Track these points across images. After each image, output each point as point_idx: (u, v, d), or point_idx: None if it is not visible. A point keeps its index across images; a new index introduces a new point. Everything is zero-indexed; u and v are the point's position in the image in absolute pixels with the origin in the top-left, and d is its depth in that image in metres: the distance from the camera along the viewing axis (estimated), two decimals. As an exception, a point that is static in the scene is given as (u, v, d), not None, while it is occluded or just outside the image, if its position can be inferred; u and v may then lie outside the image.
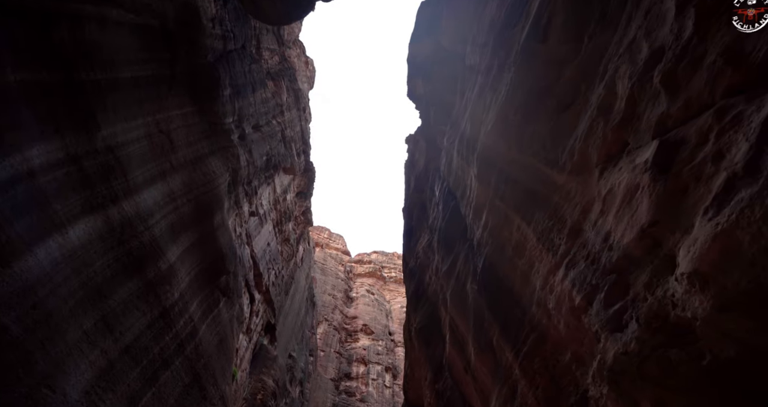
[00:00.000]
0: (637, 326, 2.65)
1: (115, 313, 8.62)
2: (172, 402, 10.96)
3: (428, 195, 13.71)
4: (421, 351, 12.41)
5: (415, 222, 15.72)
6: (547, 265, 4.31)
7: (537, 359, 4.49)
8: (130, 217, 9.15)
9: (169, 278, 10.67)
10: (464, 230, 8.05)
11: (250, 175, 17.07)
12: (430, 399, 10.55)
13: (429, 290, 11.51)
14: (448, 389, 8.70)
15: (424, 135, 19.52)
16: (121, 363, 8.77)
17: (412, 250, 15.32)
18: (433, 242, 11.08)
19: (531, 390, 4.49)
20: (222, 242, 13.61)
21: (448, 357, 8.65)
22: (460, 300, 7.59)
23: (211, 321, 13.43)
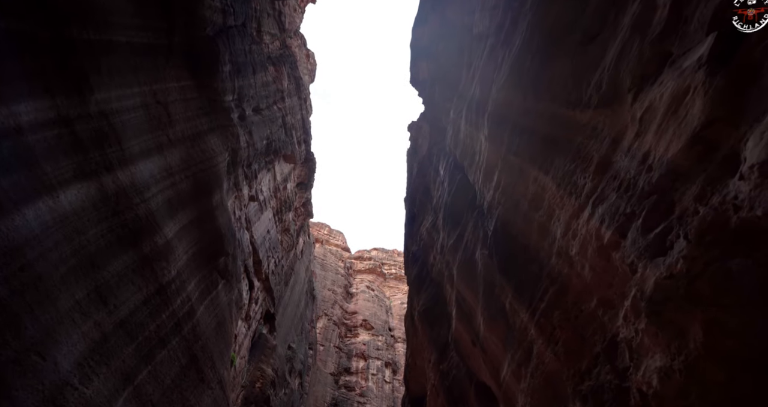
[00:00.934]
0: (685, 243, 2.35)
1: (109, 285, 8.32)
2: (168, 382, 10.69)
3: (432, 177, 13.40)
4: (424, 334, 12.14)
5: (418, 207, 15.44)
6: (569, 210, 4.01)
7: (557, 313, 4.20)
8: (126, 187, 8.83)
9: (166, 255, 10.37)
10: (472, 199, 7.74)
11: (250, 157, 16.76)
12: (435, 380, 10.28)
13: (433, 271, 11.22)
14: (454, 367, 8.43)
15: (427, 120, 19.21)
16: (115, 337, 8.48)
17: (415, 235, 15.04)
18: (438, 220, 10.79)
19: (549, 347, 4.21)
20: (221, 223, 13.31)
21: (455, 333, 8.36)
22: (468, 272, 7.30)
23: (209, 303, 13.14)
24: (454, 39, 11.34)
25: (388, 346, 69.05)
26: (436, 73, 13.81)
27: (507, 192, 5.58)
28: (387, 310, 78.03)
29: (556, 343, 4.18)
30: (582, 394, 3.60)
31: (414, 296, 14.55)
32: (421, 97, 21.93)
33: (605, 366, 3.31)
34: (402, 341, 69.59)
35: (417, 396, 21.56)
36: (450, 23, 11.30)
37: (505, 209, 5.64)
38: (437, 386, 10.05)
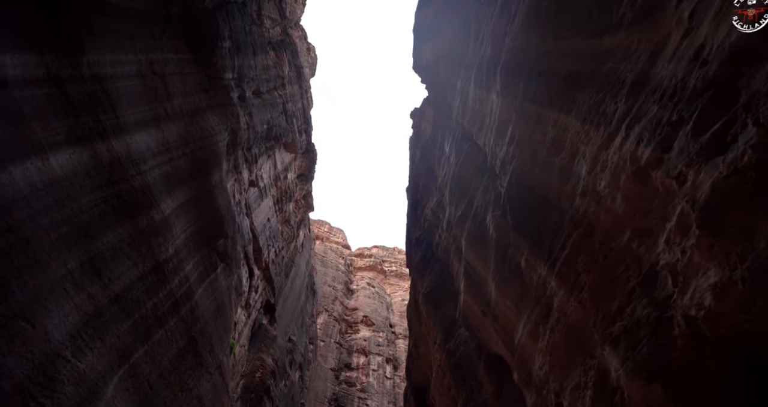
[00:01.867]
0: (755, 130, 2.04)
1: (104, 257, 8.01)
2: (166, 363, 10.39)
3: (437, 157, 13.08)
4: (429, 316, 11.84)
5: (422, 191, 15.12)
6: (596, 143, 3.70)
7: (581, 257, 3.90)
8: (120, 157, 8.51)
9: (163, 231, 10.06)
10: (482, 164, 7.43)
11: (250, 140, 16.43)
12: (441, 361, 9.99)
13: (438, 250, 10.91)
14: (462, 344, 8.13)
15: (431, 104, 18.87)
16: (110, 312, 8.17)
17: (418, 219, 14.73)
18: (443, 198, 10.48)
19: (573, 297, 3.90)
20: (220, 203, 13.00)
21: (463, 307, 8.05)
22: (478, 239, 7.00)
23: (208, 286, 12.84)
24: (459, 12, 11.02)
25: (389, 342, 68.80)
26: (441, 51, 13.48)
27: (522, 144, 5.27)
28: (388, 307, 77.75)
29: (580, 290, 3.88)
30: (613, 337, 3.31)
31: (417, 281, 14.25)
32: (425, 82, 21.59)
33: (641, 300, 3.02)
34: (403, 337, 69.32)
35: (420, 387, 21.27)
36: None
37: (520, 162, 5.33)
38: (443, 366, 9.74)
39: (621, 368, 3.19)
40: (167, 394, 10.45)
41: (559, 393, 4.38)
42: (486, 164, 7.13)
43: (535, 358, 5.02)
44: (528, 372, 5.36)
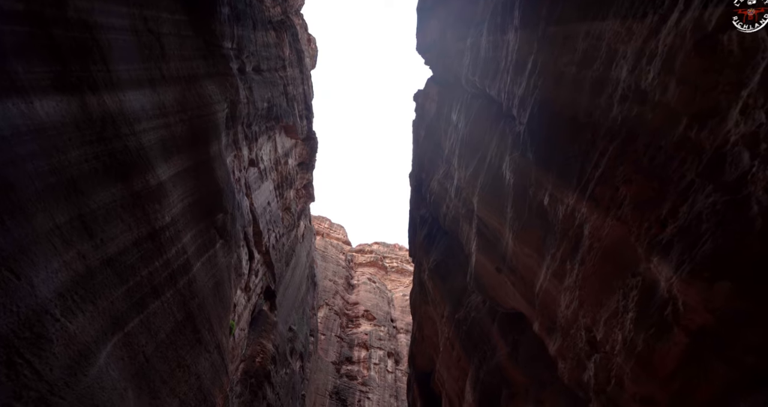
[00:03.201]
0: None
1: (95, 217, 7.59)
2: (162, 336, 10.00)
3: (443, 129, 12.64)
4: (436, 290, 11.44)
5: (427, 168, 14.69)
6: (641, 35, 3.28)
7: (620, 169, 3.50)
8: (113, 114, 8.08)
9: (159, 198, 9.64)
10: (496, 113, 7.00)
11: (250, 116, 15.99)
12: (449, 333, 9.60)
13: (446, 221, 10.50)
14: (473, 309, 7.74)
15: (436, 80, 18.43)
16: (102, 275, 7.76)
17: (423, 197, 14.32)
18: (452, 166, 10.06)
19: (609, 216, 3.51)
20: (219, 176, 12.58)
21: (475, 269, 7.64)
22: (492, 191, 6.58)
23: (206, 261, 12.44)
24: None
25: (391, 337, 68.57)
26: (447, 20, 13.01)
27: (546, 71, 4.84)
28: (389, 302, 77.47)
29: (618, 206, 3.48)
30: (663, 243, 2.93)
31: (423, 259, 13.84)
32: (429, 63, 21.11)
33: (703, 191, 2.63)
34: (404, 332, 69.07)
35: (423, 373, 20.94)
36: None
37: (543, 90, 4.90)
38: (451, 338, 9.35)
39: (674, 275, 2.82)
40: (164, 368, 10.06)
41: (590, 328, 4.00)
42: (501, 112, 6.69)
43: (560, 299, 4.63)
44: (551, 317, 4.98)
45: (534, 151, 5.04)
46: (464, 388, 8.58)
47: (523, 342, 6.61)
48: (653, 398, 3.11)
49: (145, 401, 9.26)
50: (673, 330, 2.89)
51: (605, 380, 3.71)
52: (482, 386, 7.26)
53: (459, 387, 9.07)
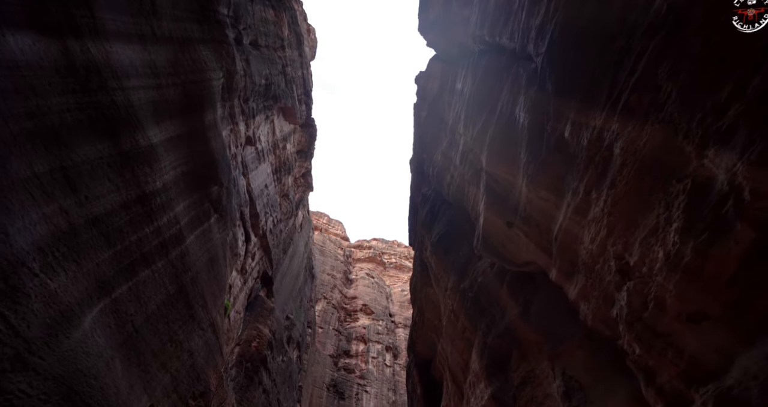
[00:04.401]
0: None
1: (80, 172, 7.12)
2: (153, 308, 9.57)
3: (446, 101, 12.19)
4: (440, 265, 11.04)
5: (429, 144, 14.24)
6: None
7: (663, 65, 3.08)
8: (98, 64, 7.59)
9: (150, 161, 9.17)
10: (508, 60, 6.57)
11: (247, 90, 15.48)
12: (453, 305, 9.21)
13: (450, 192, 10.09)
14: (480, 274, 7.35)
15: (439, 57, 17.96)
16: (87, 235, 7.31)
17: (426, 172, 13.87)
18: (456, 133, 9.62)
19: (648, 123, 3.09)
20: (214, 146, 12.11)
21: (483, 229, 7.22)
22: (504, 139, 6.18)
23: (200, 234, 11.99)
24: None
25: (389, 331, 68.35)
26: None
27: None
28: (387, 297, 77.19)
29: (661, 108, 3.07)
30: (723, 130, 2.53)
31: (425, 237, 13.43)
32: (432, 43, 20.63)
33: None
34: (403, 326, 68.85)
35: (423, 360, 20.61)
36: None
37: (566, 10, 4.46)
38: (456, 309, 8.93)
39: (739, 161, 2.42)
40: (154, 341, 9.64)
41: (621, 255, 3.61)
42: (514, 57, 6.27)
43: (583, 236, 4.24)
44: (571, 259, 4.59)
45: (553, 81, 4.62)
46: (469, 361, 8.20)
47: (535, 301, 6.22)
48: (704, 312, 2.74)
49: (134, 373, 8.83)
50: (734, 228, 2.52)
51: (641, 306, 3.33)
52: (490, 351, 6.87)
53: (463, 361, 8.69)
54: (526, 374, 5.69)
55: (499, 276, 7.18)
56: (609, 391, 4.28)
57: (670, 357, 3.13)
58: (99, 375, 7.41)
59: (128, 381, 8.55)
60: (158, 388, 9.75)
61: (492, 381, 6.57)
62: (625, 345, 3.66)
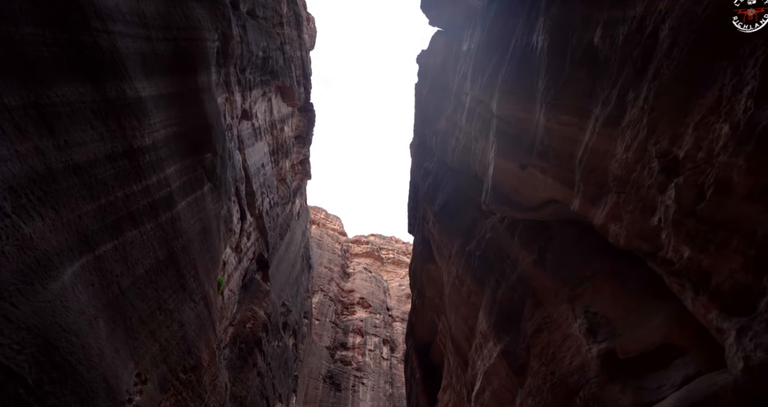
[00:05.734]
0: None
1: (58, 113, 6.61)
2: (141, 272, 9.08)
3: (451, 67, 11.70)
4: (443, 233, 10.61)
5: (432, 116, 13.76)
6: None
7: None
8: (80, 1, 7.05)
9: (138, 114, 8.65)
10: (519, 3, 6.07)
11: (244, 60, 14.93)
12: (457, 270, 8.79)
13: (455, 155, 9.64)
14: (488, 231, 6.93)
15: (442, 33, 17.45)
16: (67, 182, 6.81)
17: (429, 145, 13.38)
18: (462, 92, 9.15)
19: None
20: (207, 110, 11.58)
21: (493, 178, 6.77)
22: (518, 75, 5.73)
23: (193, 202, 11.48)
24: None
25: (386, 324, 68.12)
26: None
27: None
28: (385, 291, 76.91)
29: None
30: None
31: (427, 209, 12.98)
32: (436, 21, 20.13)
33: None
34: (400, 320, 68.60)
35: (423, 344, 20.27)
36: None
37: None
38: (461, 274, 8.50)
39: None
40: (142, 307, 9.17)
41: (667, 150, 3.18)
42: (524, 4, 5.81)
43: (614, 148, 3.82)
44: (599, 180, 4.16)
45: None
46: (474, 326, 7.78)
47: (551, 248, 5.80)
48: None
49: (120, 337, 8.36)
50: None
51: (694, 198, 2.91)
52: (499, 307, 6.43)
53: (468, 328, 8.26)
54: (541, 320, 5.28)
55: (510, 229, 6.73)
56: (642, 319, 3.88)
57: (734, 246, 2.72)
58: (80, 333, 6.94)
59: (113, 345, 8.09)
60: (146, 356, 9.29)
61: (501, 338, 6.14)
62: (669, 252, 3.24)
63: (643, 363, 3.64)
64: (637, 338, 3.79)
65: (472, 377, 7.41)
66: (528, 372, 5.21)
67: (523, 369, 5.40)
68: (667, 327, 3.60)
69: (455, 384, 10.86)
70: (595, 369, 3.97)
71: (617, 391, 3.58)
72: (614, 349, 3.93)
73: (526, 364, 5.34)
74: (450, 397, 11.80)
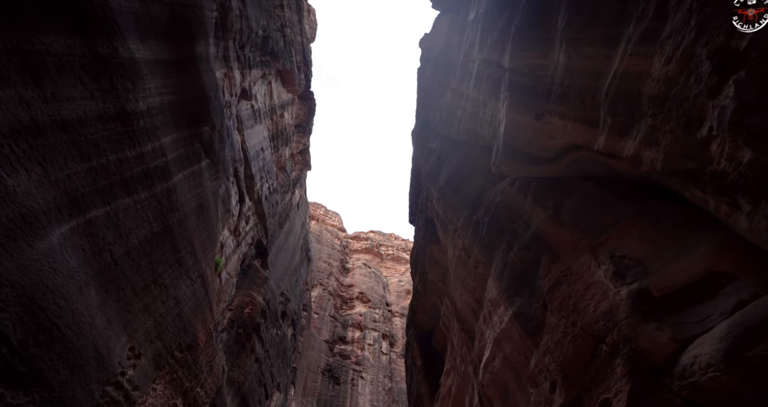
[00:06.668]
0: None
1: (44, 62, 6.24)
2: (135, 242, 8.74)
3: (457, 41, 11.33)
4: (448, 208, 10.29)
5: (436, 92, 13.38)
6: None
7: None
8: (69, -53, 6.67)
9: (131, 77, 8.28)
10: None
11: (243, 36, 14.53)
12: (463, 243, 8.45)
13: (461, 128, 9.32)
14: (498, 194, 6.60)
15: (446, 11, 17.07)
16: (55, 137, 6.46)
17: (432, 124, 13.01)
18: (469, 59, 8.77)
19: None
20: (205, 81, 11.21)
21: (505, 135, 6.43)
22: (536, 16, 5.33)
23: (189, 176, 11.13)
24: None
25: (386, 319, 67.91)
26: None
27: None
28: (384, 286, 76.66)
29: None
30: None
31: (431, 187, 12.64)
32: (437, 4, 19.75)
33: None
34: (400, 316, 68.38)
35: (424, 332, 20.00)
36: None
37: None
38: (467, 246, 8.17)
39: None
40: (136, 279, 8.84)
41: (725, 45, 2.81)
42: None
43: (650, 66, 3.50)
44: (630, 107, 3.82)
45: None
46: (482, 298, 7.45)
47: (568, 203, 5.46)
48: None
49: (112, 308, 8.03)
50: None
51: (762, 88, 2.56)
52: (511, 269, 6.10)
53: (475, 300, 7.94)
54: (560, 274, 4.95)
55: (522, 189, 6.39)
56: (679, 254, 3.56)
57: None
58: (69, 298, 6.61)
59: (105, 315, 7.76)
60: (140, 330, 8.97)
61: (513, 301, 5.82)
62: (722, 163, 2.92)
63: (682, 298, 3.33)
64: (674, 273, 3.47)
65: (480, 350, 7.09)
66: (544, 331, 4.89)
67: (538, 329, 5.08)
68: (712, 256, 3.27)
69: (459, 365, 10.55)
70: (625, 311, 3.65)
71: (652, 329, 3.28)
72: (647, 288, 3.61)
73: (542, 323, 5.01)
74: (453, 380, 11.51)
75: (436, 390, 15.69)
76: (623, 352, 3.43)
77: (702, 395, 2.78)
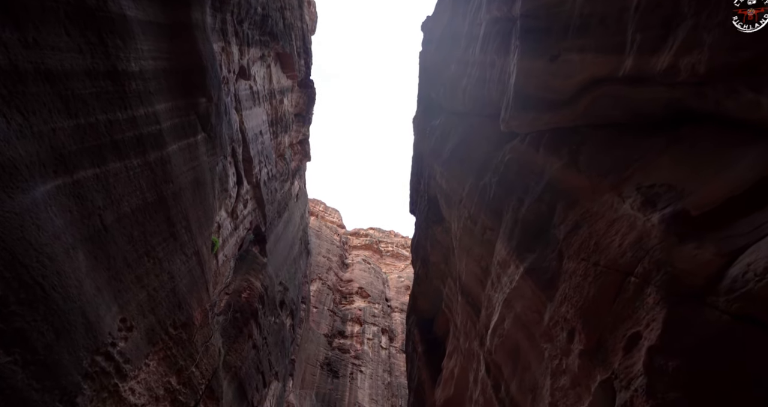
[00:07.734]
0: None
1: (24, 5, 5.87)
2: (127, 210, 8.38)
3: (462, 12, 10.92)
4: (453, 179, 10.01)
5: (440, 68, 12.98)
6: None
7: None
8: None
9: (122, 34, 7.90)
10: None
11: (242, 11, 14.12)
12: (470, 209, 8.10)
13: (467, 96, 8.94)
14: (507, 153, 6.25)
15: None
16: (38, 88, 6.09)
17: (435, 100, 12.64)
18: (476, 22, 8.38)
19: None
20: (201, 49, 10.82)
21: (517, 83, 6.07)
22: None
23: (185, 148, 10.76)
24: None
25: (385, 314, 67.71)
26: None
27: None
28: (384, 282, 76.45)
29: None
30: None
31: (434, 163, 12.31)
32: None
33: None
34: (399, 311, 68.19)
35: (425, 319, 19.72)
36: None
37: None
38: (474, 213, 7.82)
39: None
40: (128, 249, 8.48)
41: None
42: None
43: None
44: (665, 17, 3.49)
45: None
46: (489, 264, 7.13)
47: (584, 150, 5.12)
48: None
49: (103, 276, 7.68)
50: None
51: None
52: (522, 225, 5.77)
53: (481, 268, 7.62)
54: (578, 217, 4.61)
55: (533, 143, 6.05)
56: (720, 170, 3.22)
57: None
58: (55, 259, 6.26)
59: (95, 282, 7.41)
60: (132, 302, 8.63)
61: (525, 257, 5.49)
62: None
63: (726, 213, 3.00)
64: (714, 189, 3.14)
65: (486, 318, 6.76)
66: (560, 281, 4.56)
67: (552, 281, 4.75)
68: (763, 161, 2.94)
69: (463, 343, 10.25)
70: (658, 236, 3.31)
71: (692, 248, 2.94)
72: (683, 208, 3.27)
73: (557, 274, 4.68)
74: (456, 361, 11.21)
75: (437, 376, 15.41)
76: (656, 279, 3.10)
77: (757, 304, 2.46)
